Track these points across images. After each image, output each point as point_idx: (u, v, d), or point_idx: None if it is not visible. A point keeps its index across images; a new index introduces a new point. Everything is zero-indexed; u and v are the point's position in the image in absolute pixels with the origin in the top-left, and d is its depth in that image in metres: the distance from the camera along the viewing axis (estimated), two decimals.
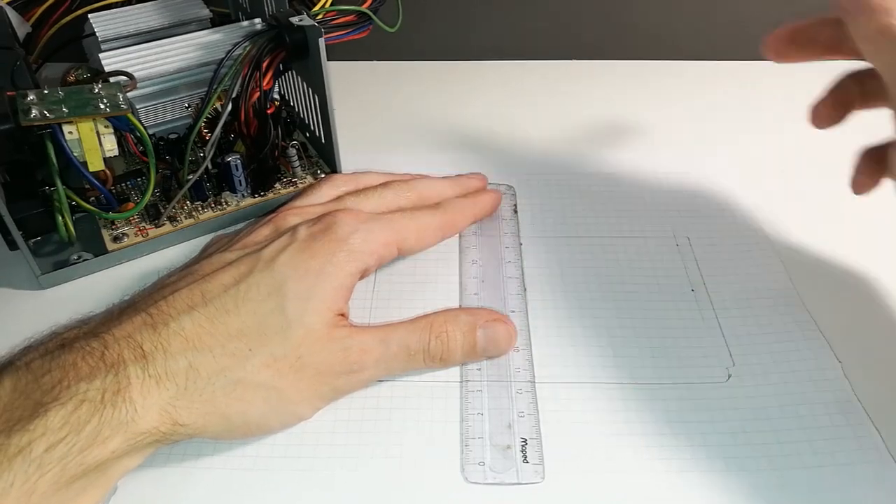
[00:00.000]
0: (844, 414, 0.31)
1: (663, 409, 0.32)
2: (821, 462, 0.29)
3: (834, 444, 0.30)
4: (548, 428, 0.31)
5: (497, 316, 0.34)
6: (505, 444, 0.30)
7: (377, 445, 0.31)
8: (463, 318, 0.33)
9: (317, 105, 0.42)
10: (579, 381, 0.33)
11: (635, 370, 0.33)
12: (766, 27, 0.57)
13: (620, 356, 0.34)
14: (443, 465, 0.30)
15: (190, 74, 0.40)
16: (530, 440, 0.30)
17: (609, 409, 0.32)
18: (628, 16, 0.57)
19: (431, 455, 0.30)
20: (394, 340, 0.32)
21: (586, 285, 0.38)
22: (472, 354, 0.33)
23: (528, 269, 0.39)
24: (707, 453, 0.30)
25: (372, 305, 0.37)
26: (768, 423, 0.31)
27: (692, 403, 0.32)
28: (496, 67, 0.57)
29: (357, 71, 0.57)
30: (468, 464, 0.30)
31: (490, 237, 0.41)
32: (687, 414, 0.31)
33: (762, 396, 0.32)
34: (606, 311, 0.36)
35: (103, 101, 0.34)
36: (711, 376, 0.33)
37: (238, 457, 0.30)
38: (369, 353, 0.31)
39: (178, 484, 0.29)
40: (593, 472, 0.29)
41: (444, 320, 0.33)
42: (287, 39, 0.38)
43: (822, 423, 0.31)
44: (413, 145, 0.49)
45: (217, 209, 0.41)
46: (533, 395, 0.32)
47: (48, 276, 0.38)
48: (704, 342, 0.34)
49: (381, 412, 0.32)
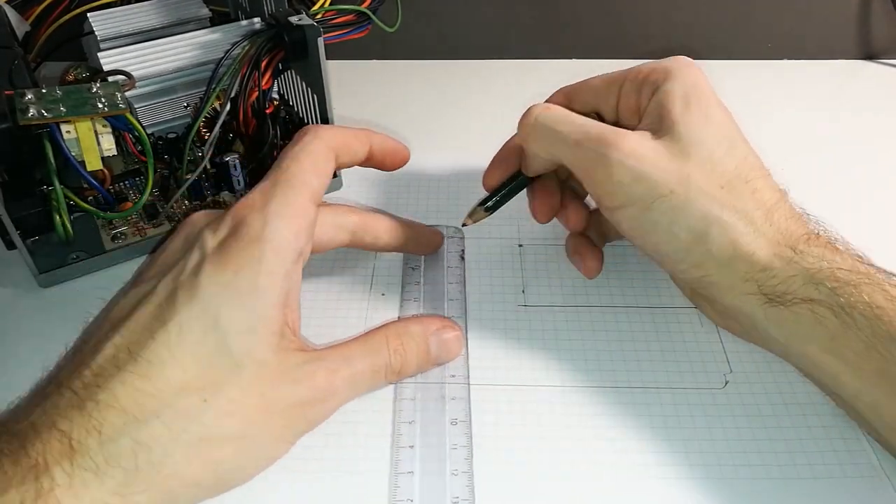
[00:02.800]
0: (839, 426, 0.31)
1: (660, 415, 0.32)
2: (815, 473, 0.29)
3: (828, 457, 0.30)
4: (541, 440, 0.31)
5: (445, 322, 0.34)
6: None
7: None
8: (413, 329, 0.32)
9: (316, 105, 0.42)
10: (574, 384, 0.33)
11: (632, 374, 0.33)
12: (766, 27, 0.57)
13: (616, 360, 0.34)
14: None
15: (189, 74, 0.39)
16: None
17: (605, 413, 0.32)
18: (628, 15, 0.57)
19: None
20: (356, 358, 0.30)
21: (585, 289, 0.38)
22: (425, 364, 0.32)
23: (526, 273, 0.39)
24: (703, 460, 0.30)
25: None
26: (764, 431, 0.31)
27: (688, 409, 0.32)
28: (496, 67, 0.57)
29: (356, 70, 0.57)
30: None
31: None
32: (683, 420, 0.31)
33: (758, 405, 0.32)
34: (603, 315, 0.36)
35: (101, 101, 0.34)
36: (709, 383, 0.33)
37: None
38: (336, 373, 0.29)
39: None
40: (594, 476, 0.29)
41: (398, 333, 0.31)
42: (286, 39, 0.38)
43: (816, 434, 0.31)
44: (412, 145, 0.48)
45: (216, 209, 0.41)
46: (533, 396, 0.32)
47: (46, 275, 0.38)
48: (702, 348, 0.34)
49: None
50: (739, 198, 0.30)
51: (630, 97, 0.34)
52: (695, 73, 0.33)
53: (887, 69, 0.58)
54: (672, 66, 0.33)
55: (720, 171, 0.30)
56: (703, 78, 0.33)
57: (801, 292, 0.29)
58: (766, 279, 0.30)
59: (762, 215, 0.30)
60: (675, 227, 0.31)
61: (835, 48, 0.58)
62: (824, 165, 0.47)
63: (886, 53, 0.58)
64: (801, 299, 0.29)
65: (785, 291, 0.30)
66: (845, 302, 0.28)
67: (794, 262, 0.30)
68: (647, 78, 0.33)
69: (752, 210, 0.30)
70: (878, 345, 0.27)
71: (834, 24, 0.57)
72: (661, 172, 0.30)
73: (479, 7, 0.56)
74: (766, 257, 0.30)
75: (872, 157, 0.48)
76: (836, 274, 0.29)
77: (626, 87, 0.34)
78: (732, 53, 0.58)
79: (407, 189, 0.44)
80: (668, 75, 0.32)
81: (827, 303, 0.29)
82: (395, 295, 0.37)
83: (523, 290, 0.38)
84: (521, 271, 0.39)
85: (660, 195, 0.30)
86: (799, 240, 0.30)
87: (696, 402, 0.32)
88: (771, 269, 0.30)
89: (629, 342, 0.35)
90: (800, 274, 0.29)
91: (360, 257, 0.39)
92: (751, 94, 0.54)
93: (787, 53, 0.58)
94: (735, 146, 0.32)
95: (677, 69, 0.33)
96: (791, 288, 0.29)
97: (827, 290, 0.29)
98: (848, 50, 0.58)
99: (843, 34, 0.58)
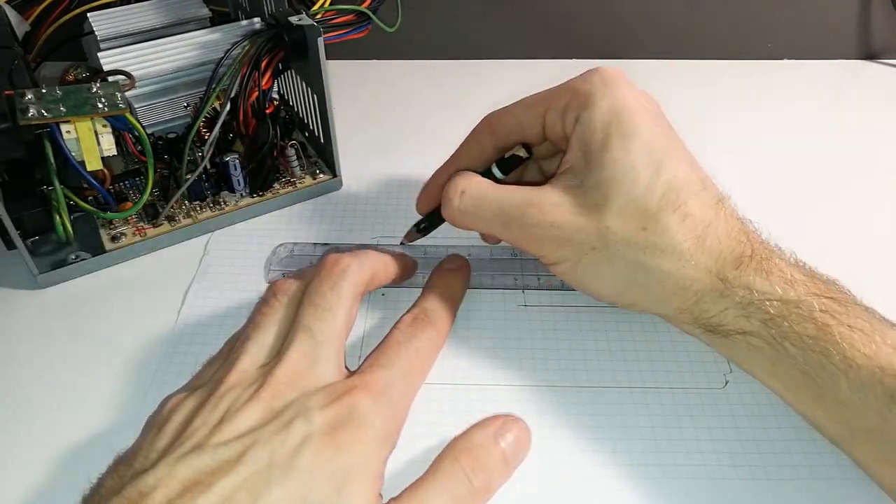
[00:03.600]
0: None
1: (659, 414, 0.32)
2: (814, 474, 0.29)
3: (828, 458, 0.30)
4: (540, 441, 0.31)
5: (502, 419, 0.30)
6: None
7: None
8: (478, 439, 0.29)
9: (316, 104, 0.42)
10: (573, 384, 0.33)
11: (632, 375, 0.33)
12: (766, 27, 0.57)
13: (616, 360, 0.34)
14: None
15: (189, 74, 0.39)
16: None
17: (605, 413, 0.32)
18: (628, 16, 0.57)
19: None
20: (434, 497, 0.26)
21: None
22: (507, 470, 0.29)
23: (526, 272, 0.39)
24: (702, 460, 0.30)
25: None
26: (763, 431, 0.31)
27: (688, 409, 0.32)
28: (496, 67, 0.57)
29: (356, 70, 0.57)
30: None
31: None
32: (683, 420, 0.31)
33: (758, 405, 0.32)
34: (603, 315, 0.36)
35: (101, 101, 0.34)
36: (709, 382, 0.33)
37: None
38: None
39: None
40: (593, 476, 0.29)
41: (465, 449, 0.28)
42: (286, 39, 0.38)
43: (816, 435, 0.30)
44: (412, 145, 0.49)
45: (215, 209, 0.41)
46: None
47: (46, 275, 0.38)
48: (702, 348, 0.34)
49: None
50: (665, 233, 0.30)
51: (556, 126, 0.33)
52: (615, 91, 0.31)
53: (887, 69, 0.58)
54: (590, 91, 0.32)
55: (643, 210, 0.30)
56: (624, 94, 0.31)
57: (734, 324, 0.30)
58: (700, 312, 0.31)
59: (692, 244, 0.30)
60: (604, 278, 0.32)
61: (835, 48, 0.58)
62: (824, 165, 0.47)
63: (886, 53, 0.58)
64: (735, 331, 0.30)
65: (719, 323, 0.30)
66: (777, 333, 0.29)
67: (725, 294, 0.30)
68: (568, 106, 0.32)
69: (679, 243, 0.30)
70: (811, 372, 0.28)
71: (834, 24, 0.57)
72: (580, 233, 0.31)
73: (479, 7, 0.56)
74: (696, 292, 0.30)
75: (872, 157, 0.48)
76: (766, 307, 0.29)
77: (550, 116, 0.33)
78: (732, 53, 0.58)
79: (407, 189, 0.44)
80: (587, 102, 0.31)
81: (759, 334, 0.29)
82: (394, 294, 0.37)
83: (523, 290, 0.38)
84: (521, 270, 0.39)
85: (583, 254, 0.31)
86: (730, 265, 0.30)
87: (695, 402, 0.32)
88: (703, 304, 0.30)
89: (629, 342, 0.35)
90: (731, 307, 0.30)
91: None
92: (751, 94, 0.54)
93: (787, 53, 0.58)
94: (661, 168, 0.30)
95: (595, 93, 0.31)
96: (724, 320, 0.30)
97: (758, 323, 0.29)
98: (848, 50, 0.58)
99: (843, 34, 0.58)
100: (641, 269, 0.31)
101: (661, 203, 0.30)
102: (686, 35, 0.58)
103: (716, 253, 0.30)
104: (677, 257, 0.30)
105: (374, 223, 0.42)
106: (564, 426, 0.31)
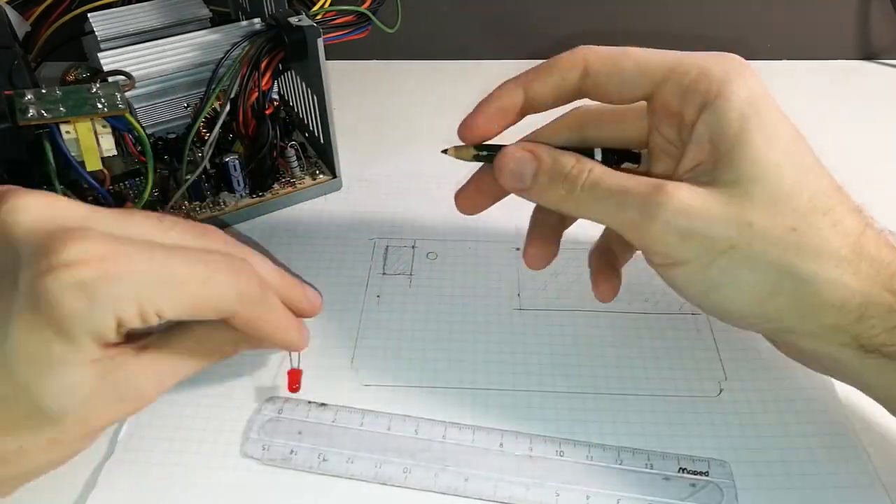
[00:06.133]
0: (835, 434, 0.31)
1: (652, 422, 0.32)
2: (810, 483, 0.29)
3: (824, 466, 0.30)
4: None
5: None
6: None
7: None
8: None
9: (315, 105, 0.42)
10: (568, 390, 0.33)
11: (626, 381, 0.33)
12: (766, 27, 0.57)
13: (610, 366, 0.34)
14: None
15: (189, 74, 0.39)
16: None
17: (599, 419, 0.32)
18: (629, 16, 0.57)
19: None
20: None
21: (580, 293, 0.37)
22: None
23: (522, 276, 0.39)
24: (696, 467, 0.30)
25: None
26: (758, 440, 0.31)
27: (681, 416, 0.32)
28: (496, 68, 0.57)
29: (356, 71, 0.57)
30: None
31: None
32: (676, 427, 0.31)
33: (753, 413, 0.32)
34: (598, 320, 0.36)
35: (101, 101, 0.34)
36: (703, 390, 0.33)
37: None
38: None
39: None
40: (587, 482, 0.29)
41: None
42: (286, 39, 0.38)
43: (812, 443, 0.31)
44: (411, 145, 0.49)
45: (215, 209, 0.41)
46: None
47: None
48: (697, 355, 0.34)
49: None
50: (817, 235, 0.26)
51: (672, 100, 0.28)
52: (752, 82, 0.27)
53: (887, 69, 0.58)
54: (725, 78, 0.27)
55: (791, 209, 0.26)
56: (760, 86, 0.27)
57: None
58: (863, 331, 0.26)
59: (849, 252, 0.26)
60: (743, 284, 0.26)
61: (835, 48, 0.58)
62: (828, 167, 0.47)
63: (886, 53, 0.58)
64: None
65: (885, 342, 0.26)
66: None
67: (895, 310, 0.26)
68: (696, 86, 0.27)
69: (836, 249, 0.26)
70: None
71: (834, 24, 0.57)
72: (715, 226, 0.26)
73: (479, 7, 0.56)
74: (859, 305, 0.26)
75: (872, 157, 0.48)
76: None
77: (669, 87, 0.28)
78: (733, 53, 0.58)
79: (407, 190, 0.44)
80: (720, 90, 0.27)
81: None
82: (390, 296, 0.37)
83: (519, 294, 0.37)
84: (517, 274, 0.38)
85: (718, 252, 0.26)
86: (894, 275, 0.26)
87: (690, 409, 0.32)
88: (867, 320, 0.26)
89: (624, 348, 0.35)
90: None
91: (359, 259, 0.40)
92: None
93: (787, 53, 0.58)
94: (807, 171, 0.27)
95: (732, 81, 0.27)
96: (893, 339, 0.26)
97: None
98: (848, 50, 0.58)
99: (843, 34, 0.58)
100: (790, 275, 0.26)
101: (809, 205, 0.26)
102: (686, 35, 0.58)
103: (877, 263, 0.26)
104: (835, 264, 0.26)
105: (374, 224, 0.42)
106: (555, 431, 0.31)
